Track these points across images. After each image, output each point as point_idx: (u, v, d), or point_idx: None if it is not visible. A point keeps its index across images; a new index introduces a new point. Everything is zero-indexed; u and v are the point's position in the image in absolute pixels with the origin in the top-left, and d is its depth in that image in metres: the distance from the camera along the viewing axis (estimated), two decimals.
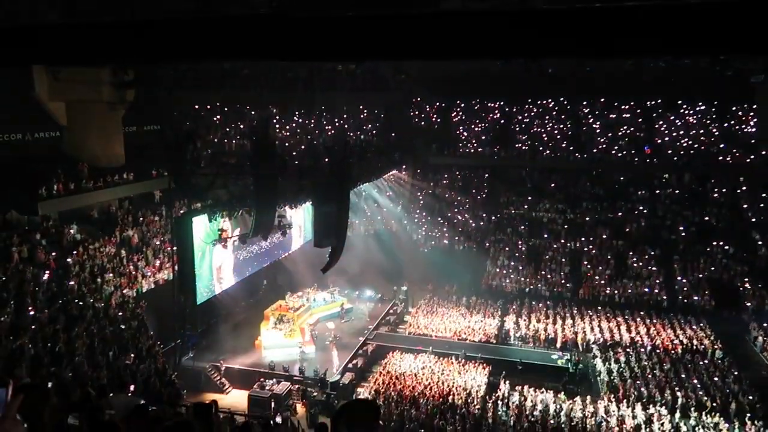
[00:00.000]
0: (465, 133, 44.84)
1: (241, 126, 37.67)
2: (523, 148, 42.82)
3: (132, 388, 17.44)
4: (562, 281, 34.40)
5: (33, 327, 17.97)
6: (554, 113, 43.76)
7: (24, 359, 16.45)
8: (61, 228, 23.42)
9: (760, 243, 33.89)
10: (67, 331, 18.65)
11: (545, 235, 37.87)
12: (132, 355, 19.58)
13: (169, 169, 27.63)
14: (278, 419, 18.38)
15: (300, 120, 41.62)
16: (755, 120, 39.16)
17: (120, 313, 21.26)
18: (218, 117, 37.42)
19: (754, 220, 35.41)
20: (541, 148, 42.49)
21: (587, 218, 38.35)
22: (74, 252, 22.50)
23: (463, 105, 45.41)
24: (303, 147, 37.89)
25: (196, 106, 35.92)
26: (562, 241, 37.27)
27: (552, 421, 20.24)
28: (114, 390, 16.91)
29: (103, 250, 23.76)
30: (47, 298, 19.58)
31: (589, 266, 35.09)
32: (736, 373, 23.94)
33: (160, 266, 25.50)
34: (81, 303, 20.29)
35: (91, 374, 17.21)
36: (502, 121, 44.74)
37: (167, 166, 27.79)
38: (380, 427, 2.89)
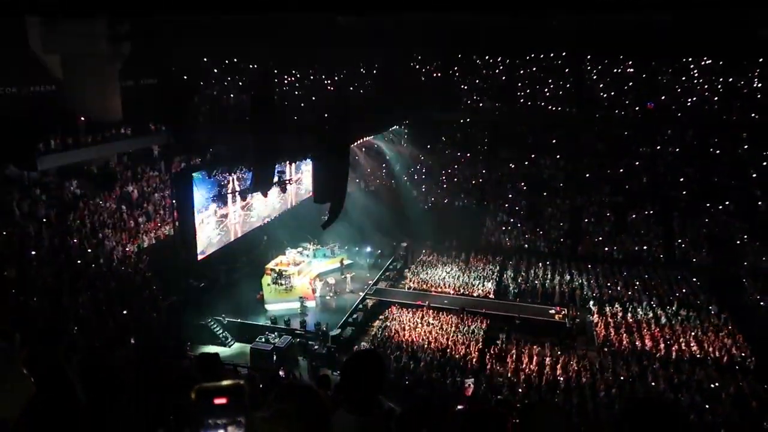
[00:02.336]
0: (466, 89, 44.25)
1: (240, 81, 37.12)
2: (526, 103, 42.33)
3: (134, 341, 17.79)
4: (561, 237, 34.57)
5: (37, 282, 18.14)
6: (556, 69, 43.06)
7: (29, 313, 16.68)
8: (60, 183, 23.36)
9: (759, 202, 33.89)
10: (71, 286, 18.84)
11: (545, 192, 37.83)
12: (136, 309, 19.85)
13: (167, 124, 27.42)
14: (281, 372, 18.75)
15: (300, 76, 40.97)
16: (761, 76, 38.52)
17: (122, 268, 21.43)
18: (217, 71, 36.82)
19: (755, 176, 35.30)
20: (542, 104, 42.01)
21: (587, 174, 38.24)
22: (75, 208, 22.51)
23: (464, 60, 44.62)
24: (303, 103, 37.49)
25: (195, 60, 35.31)
26: (562, 197, 37.26)
27: (548, 375, 20.68)
28: (118, 343, 17.27)
29: (103, 205, 23.76)
30: (50, 253, 19.69)
31: (588, 222, 35.19)
32: (729, 327, 24.32)
33: (161, 222, 25.56)
34: (83, 258, 20.42)
35: (96, 328, 17.49)
36: (504, 77, 44.08)
37: (166, 120, 27.56)
38: (384, 378, 2.95)
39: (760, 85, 38.68)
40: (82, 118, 25.31)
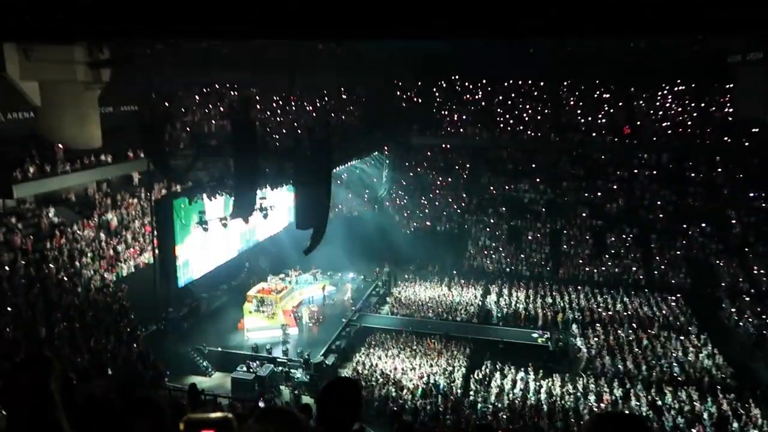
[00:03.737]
0: (447, 114, 44.83)
1: (221, 107, 37.15)
2: (505, 128, 42.99)
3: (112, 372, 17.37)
4: (543, 261, 34.80)
5: (11, 312, 17.70)
6: (535, 94, 43.91)
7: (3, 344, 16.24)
8: (37, 211, 23.00)
9: (734, 222, 34.54)
10: (47, 316, 18.42)
11: (526, 216, 38.20)
12: (113, 339, 19.43)
13: (147, 151, 27.22)
14: (261, 403, 18.42)
15: (281, 101, 41.15)
16: (733, 100, 39.69)
17: (100, 298, 21.03)
18: (197, 97, 36.82)
19: (729, 199, 36.04)
20: (522, 129, 42.70)
21: (567, 198, 38.75)
22: (52, 236, 22.13)
23: (444, 86, 45.28)
24: (284, 129, 37.57)
25: (175, 87, 35.29)
26: (543, 221, 37.64)
27: (532, 399, 20.60)
28: (95, 375, 16.81)
29: (81, 233, 23.40)
30: (25, 283, 19.27)
31: (568, 246, 35.52)
32: (710, 349, 24.53)
33: (141, 249, 25.22)
34: (60, 287, 20.01)
35: (71, 359, 17.06)
36: (484, 103, 44.79)
37: (145, 147, 27.37)
38: (362, 405, 2.92)
39: (731, 109, 39.79)
40: (60, 146, 25.06)
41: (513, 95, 44.30)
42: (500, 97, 44.57)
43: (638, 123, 41.34)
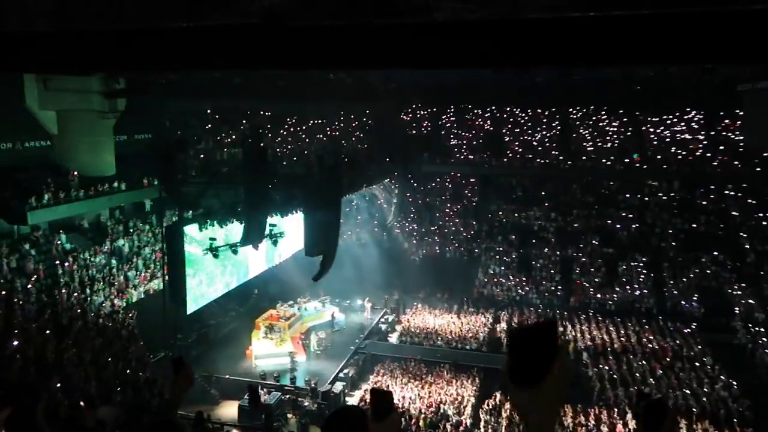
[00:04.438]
0: (456, 141, 45.09)
1: (233, 135, 37.64)
2: (514, 156, 43.14)
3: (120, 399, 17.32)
4: (553, 288, 34.51)
5: (22, 338, 17.78)
6: (544, 121, 44.09)
7: (13, 370, 16.26)
8: (51, 238, 23.25)
9: (747, 249, 34.18)
10: (57, 342, 18.47)
11: (536, 243, 38.04)
12: (122, 365, 19.41)
13: (159, 178, 27.58)
14: None
15: (291, 129, 41.63)
16: (743, 128, 39.63)
17: (110, 324, 21.08)
18: (209, 126, 37.36)
19: (742, 227, 35.73)
20: (531, 156, 42.80)
21: (577, 225, 38.59)
22: (64, 262, 22.33)
23: (453, 113, 45.65)
24: (294, 156, 37.93)
25: (188, 115, 35.85)
26: (553, 248, 37.44)
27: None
28: (103, 401, 16.77)
29: (93, 260, 23.58)
30: (36, 309, 19.39)
31: (579, 273, 35.24)
32: (725, 379, 24.05)
33: (151, 276, 25.35)
34: (70, 314, 20.11)
35: (80, 385, 17.04)
36: (493, 129, 45.02)
37: (158, 175, 27.74)
38: None
39: (741, 137, 39.69)
40: (75, 173, 25.47)
41: (522, 123, 44.51)
42: (509, 125, 44.80)
43: (648, 151, 41.31)
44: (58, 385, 16.41)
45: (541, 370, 1.83)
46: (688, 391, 22.98)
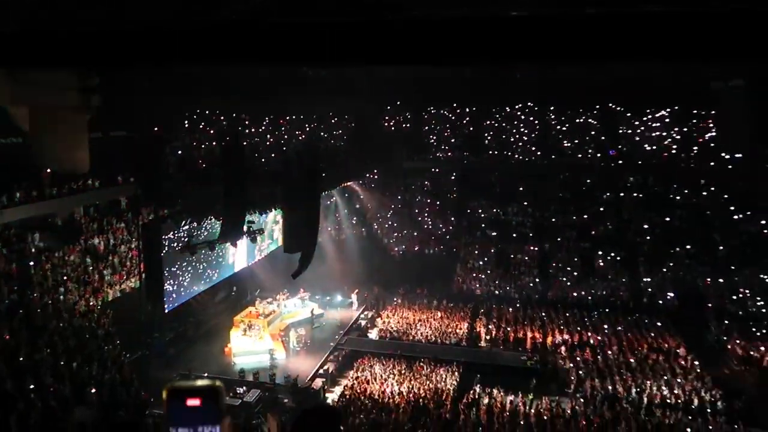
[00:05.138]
0: (435, 138, 45.26)
1: (210, 131, 37.26)
2: (493, 152, 43.48)
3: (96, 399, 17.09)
4: (531, 284, 34.89)
5: None
6: (522, 118, 44.48)
7: None
8: (23, 236, 22.77)
9: (721, 243, 34.93)
10: (30, 343, 18.12)
11: (514, 238, 38.42)
12: (97, 365, 19.12)
13: (136, 176, 27.20)
14: None
15: (270, 125, 41.36)
16: (716, 125, 40.50)
17: (85, 323, 20.75)
18: (187, 123, 36.93)
19: (715, 221, 36.49)
20: (509, 153, 43.21)
21: (554, 220, 39.06)
22: (37, 261, 21.89)
23: (433, 110, 45.78)
24: (273, 153, 37.71)
25: (164, 112, 35.37)
26: (531, 244, 37.85)
27: (521, 422, 20.46)
28: (78, 402, 16.54)
29: (67, 258, 23.17)
30: (8, 309, 18.99)
31: (557, 268, 35.68)
32: (698, 370, 24.59)
33: (127, 274, 25.00)
34: (44, 313, 19.73)
35: (54, 386, 16.76)
36: (472, 128, 45.28)
37: (134, 172, 27.35)
38: None
39: (714, 134, 40.56)
40: (48, 170, 24.95)
41: (500, 119, 44.84)
42: (487, 121, 45.09)
43: (624, 147, 41.96)
44: (32, 386, 16.14)
45: None
46: (662, 383, 23.43)
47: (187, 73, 30.25)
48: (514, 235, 38.70)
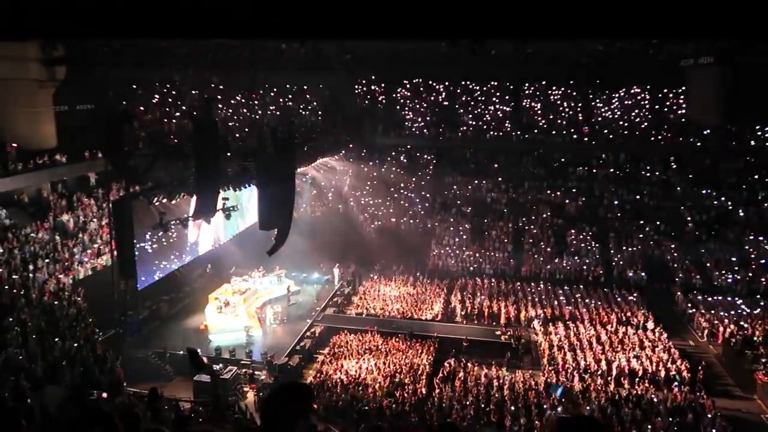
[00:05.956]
0: (410, 114, 45.09)
1: (182, 106, 36.47)
2: (467, 129, 43.56)
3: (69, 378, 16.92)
4: (505, 259, 35.32)
5: None
6: (497, 95, 44.54)
7: None
8: None
9: (689, 219, 35.75)
10: None
11: (489, 215, 38.73)
12: (69, 344, 18.87)
13: (104, 151, 26.56)
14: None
15: (243, 100, 40.66)
16: (686, 103, 41.14)
17: (56, 302, 20.40)
18: (157, 96, 36.07)
19: (683, 198, 37.29)
20: (484, 128, 43.35)
21: (529, 197, 39.47)
22: (4, 239, 21.36)
23: (408, 86, 45.52)
24: (246, 128, 37.14)
25: (133, 85, 34.47)
26: (505, 220, 38.23)
27: (495, 395, 20.89)
28: (50, 381, 16.33)
29: (35, 236, 22.65)
30: None
31: (530, 244, 36.16)
32: (666, 342, 25.32)
33: (99, 252, 24.57)
34: (11, 292, 19.33)
35: (26, 365, 16.50)
36: (446, 103, 45.20)
37: (103, 147, 26.70)
38: (313, 409, 2.88)
39: (683, 111, 41.22)
40: (14, 145, 24.21)
41: (475, 96, 44.83)
42: (462, 98, 45.06)
43: (596, 124, 42.41)
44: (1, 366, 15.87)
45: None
46: (630, 355, 24.09)
47: (155, 45, 29.49)
48: (489, 211, 39.00)
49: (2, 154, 23.74)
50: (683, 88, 40.77)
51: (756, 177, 36.71)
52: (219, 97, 37.91)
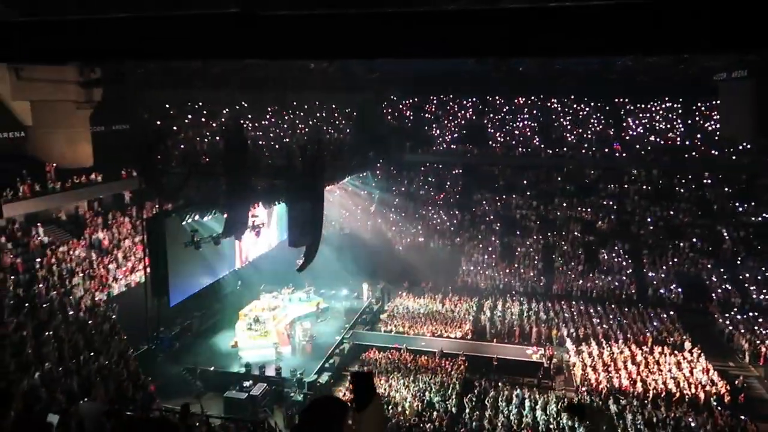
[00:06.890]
0: (438, 131, 45.15)
1: (213, 125, 37.22)
2: (496, 145, 43.37)
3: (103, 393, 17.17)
4: (535, 277, 34.81)
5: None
6: (525, 111, 44.33)
7: None
8: (28, 231, 22.86)
9: (725, 236, 34.77)
10: (36, 337, 18.20)
11: (518, 232, 38.32)
12: (103, 359, 19.20)
13: (139, 170, 27.22)
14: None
15: (273, 119, 41.29)
16: (718, 117, 40.24)
17: (90, 318, 20.82)
18: (189, 116, 36.89)
19: (718, 214, 36.32)
20: (513, 144, 43.11)
21: (559, 214, 38.95)
22: (42, 256, 21.97)
23: (436, 103, 45.65)
24: (276, 146, 37.66)
25: (167, 106, 35.33)
26: (535, 236, 37.75)
27: (527, 417, 20.47)
28: (85, 396, 16.61)
29: (71, 253, 23.24)
30: (14, 304, 19.08)
31: (561, 261, 35.59)
32: (704, 363, 24.51)
33: (132, 268, 25.07)
34: (49, 308, 19.81)
35: (61, 381, 16.83)
36: (474, 119, 45.15)
37: (137, 166, 27.37)
38: (347, 424, 2.88)
39: (717, 126, 40.31)
40: (52, 165, 25.01)
41: (503, 112, 44.70)
42: (491, 115, 44.96)
43: (627, 138, 41.78)
44: (38, 381, 16.20)
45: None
46: (667, 376, 23.38)
47: (188, 66, 30.22)
48: (518, 228, 38.60)
49: (42, 173, 24.52)
50: (717, 101, 39.91)
51: None
52: (249, 116, 38.58)
